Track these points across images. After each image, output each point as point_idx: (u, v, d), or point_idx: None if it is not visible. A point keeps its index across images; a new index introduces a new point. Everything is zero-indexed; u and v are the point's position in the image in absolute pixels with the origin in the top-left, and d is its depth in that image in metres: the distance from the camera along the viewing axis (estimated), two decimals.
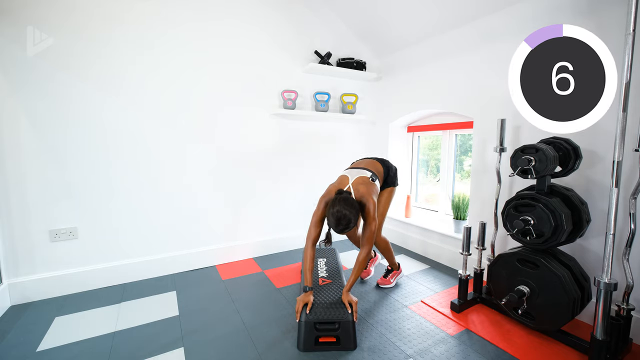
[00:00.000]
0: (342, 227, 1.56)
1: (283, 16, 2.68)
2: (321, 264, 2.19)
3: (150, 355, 1.48)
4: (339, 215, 1.54)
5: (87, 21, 2.00)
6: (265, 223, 2.77)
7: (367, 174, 1.85)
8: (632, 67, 1.27)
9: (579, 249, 1.75)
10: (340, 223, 1.55)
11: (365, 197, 1.70)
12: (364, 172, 1.86)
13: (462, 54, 2.36)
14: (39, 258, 1.99)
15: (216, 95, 2.45)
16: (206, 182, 2.47)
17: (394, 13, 2.56)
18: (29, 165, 1.92)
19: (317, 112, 2.83)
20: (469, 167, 2.63)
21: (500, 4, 2.01)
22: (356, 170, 1.90)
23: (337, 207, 1.55)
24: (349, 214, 1.54)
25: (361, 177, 1.81)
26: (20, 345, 1.56)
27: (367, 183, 1.78)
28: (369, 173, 1.86)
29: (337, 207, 1.55)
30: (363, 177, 1.82)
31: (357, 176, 1.82)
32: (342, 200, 1.57)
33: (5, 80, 1.83)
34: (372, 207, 1.69)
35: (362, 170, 1.88)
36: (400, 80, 2.98)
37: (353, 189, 1.74)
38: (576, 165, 1.63)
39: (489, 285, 1.81)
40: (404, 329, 1.70)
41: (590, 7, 1.66)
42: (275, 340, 1.60)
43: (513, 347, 1.53)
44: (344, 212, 1.54)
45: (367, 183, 1.78)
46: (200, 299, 2.01)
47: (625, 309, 1.43)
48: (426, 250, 2.76)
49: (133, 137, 2.19)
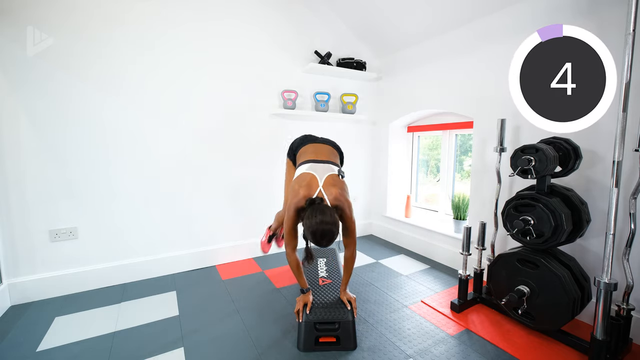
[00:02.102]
0: (325, 243, 1.43)
1: (283, 16, 2.68)
2: (321, 264, 2.19)
3: (150, 355, 1.48)
4: (321, 233, 1.40)
5: (87, 21, 2.00)
6: (265, 223, 2.76)
7: (335, 170, 1.69)
8: (632, 67, 1.27)
9: (579, 249, 1.75)
10: (323, 239, 1.42)
11: (340, 200, 1.57)
12: (331, 168, 1.69)
13: (462, 54, 2.36)
14: (39, 258, 1.99)
15: (216, 95, 2.45)
16: (206, 181, 2.47)
17: (394, 13, 2.56)
18: (29, 165, 1.92)
19: (317, 112, 2.83)
20: (469, 167, 2.63)
21: (500, 4, 2.02)
22: (321, 165, 1.70)
23: (315, 222, 1.41)
24: (330, 227, 1.41)
25: (330, 177, 1.63)
26: (20, 345, 1.56)
27: (338, 183, 1.63)
28: (335, 168, 1.71)
29: (316, 223, 1.41)
30: (332, 176, 1.64)
31: (325, 175, 1.63)
32: (318, 213, 1.43)
33: (5, 79, 1.83)
34: (348, 209, 1.59)
35: (329, 165, 1.70)
36: (400, 80, 2.98)
37: (325, 192, 1.57)
38: (576, 165, 1.63)
39: (489, 285, 1.81)
40: (404, 329, 1.70)
41: (590, 7, 1.65)
42: (275, 340, 1.60)
43: (513, 347, 1.53)
44: (325, 227, 1.40)
45: (338, 183, 1.63)
46: (200, 299, 2.01)
47: (625, 309, 1.43)
48: (426, 250, 2.75)
49: (133, 136, 2.19)
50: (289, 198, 1.66)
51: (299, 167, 1.75)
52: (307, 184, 1.60)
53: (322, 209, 1.45)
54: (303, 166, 1.72)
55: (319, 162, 1.72)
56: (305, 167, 1.70)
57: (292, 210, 1.57)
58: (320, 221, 1.40)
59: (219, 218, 2.56)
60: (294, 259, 1.64)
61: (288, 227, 1.61)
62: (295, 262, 1.64)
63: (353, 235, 1.65)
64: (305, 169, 1.69)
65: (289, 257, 1.65)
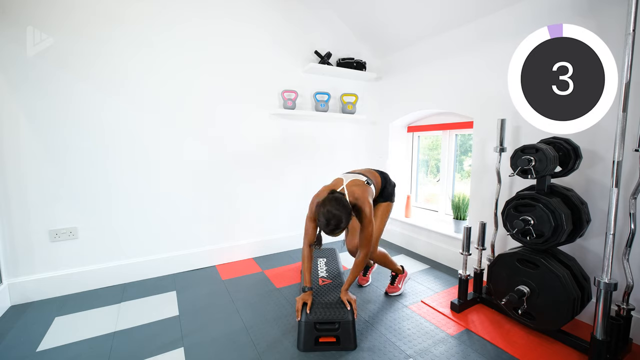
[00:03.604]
0: (331, 228, 1.49)
1: (283, 16, 2.68)
2: (321, 264, 2.19)
3: (150, 355, 1.48)
4: (329, 216, 1.48)
5: (87, 20, 2.00)
6: (265, 223, 2.77)
7: (363, 178, 1.80)
8: (632, 67, 1.27)
9: (579, 249, 1.75)
10: (329, 223, 1.48)
11: (360, 199, 1.64)
12: (359, 177, 1.81)
13: (462, 53, 2.36)
14: (38, 258, 1.99)
15: (216, 94, 2.45)
16: (206, 181, 2.47)
17: (394, 13, 2.56)
18: (29, 165, 1.92)
19: (317, 112, 2.83)
20: (469, 167, 2.63)
21: (500, 3, 2.02)
22: (352, 174, 1.85)
23: (328, 207, 1.49)
24: (339, 213, 1.48)
25: (356, 180, 1.76)
26: (20, 345, 1.56)
27: (361, 185, 1.73)
28: (364, 178, 1.81)
29: (328, 207, 1.49)
30: (358, 180, 1.76)
31: (351, 179, 1.77)
32: (332, 200, 1.51)
33: (5, 79, 1.83)
34: (368, 209, 1.63)
35: (358, 175, 1.83)
36: (400, 80, 2.98)
37: (347, 190, 1.67)
38: (576, 165, 1.63)
39: (489, 285, 1.81)
40: (404, 329, 1.70)
41: (590, 7, 1.66)
42: (275, 340, 1.60)
43: (513, 347, 1.53)
44: (334, 212, 1.48)
45: (361, 185, 1.73)
46: (200, 299, 2.01)
47: (625, 309, 1.43)
48: (426, 250, 2.75)
49: (132, 136, 2.19)
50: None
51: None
52: (333, 184, 1.78)
53: (336, 197, 1.54)
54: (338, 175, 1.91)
55: (352, 173, 1.90)
56: (339, 175, 1.89)
57: (314, 204, 1.66)
58: (333, 207, 1.50)
59: (219, 218, 2.56)
60: (307, 251, 1.73)
61: (308, 220, 1.72)
62: (308, 257, 1.73)
63: (368, 237, 1.65)
64: (338, 176, 1.88)
65: (303, 250, 1.74)
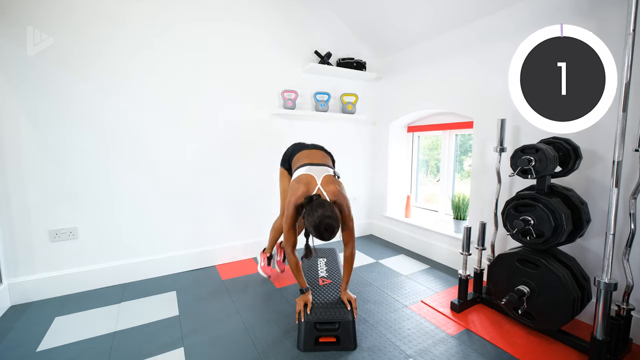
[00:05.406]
0: (328, 236, 1.46)
1: (283, 16, 2.68)
2: (321, 264, 2.19)
3: (150, 355, 1.48)
4: (325, 226, 1.43)
5: (87, 20, 2.00)
6: (265, 223, 2.77)
7: (330, 171, 1.74)
8: (632, 67, 1.27)
9: (579, 249, 1.75)
10: (326, 232, 1.45)
11: (338, 197, 1.61)
12: (327, 169, 1.74)
13: (462, 53, 2.36)
14: (39, 258, 1.99)
15: (216, 94, 2.45)
16: (206, 181, 2.47)
17: (394, 13, 2.56)
18: (29, 165, 1.92)
19: (317, 112, 2.83)
20: (469, 167, 2.63)
21: (500, 4, 2.02)
22: (317, 167, 1.76)
23: (319, 215, 1.44)
24: (332, 222, 1.44)
25: (328, 176, 1.69)
26: (20, 345, 1.55)
27: (335, 181, 1.68)
28: (331, 170, 1.76)
29: (319, 216, 1.43)
30: (329, 176, 1.70)
31: (322, 175, 1.69)
32: (320, 207, 1.47)
33: (5, 79, 1.83)
34: (347, 206, 1.63)
35: (324, 167, 1.76)
36: (400, 80, 2.98)
37: (324, 190, 1.62)
38: (576, 165, 1.63)
39: (489, 285, 1.81)
40: (404, 329, 1.70)
41: (590, 7, 1.65)
42: (275, 340, 1.60)
43: (513, 347, 1.53)
44: (327, 220, 1.43)
45: (335, 181, 1.68)
46: (200, 299, 2.01)
47: (625, 309, 1.43)
48: (426, 250, 2.75)
49: (132, 136, 2.19)
50: (288, 196, 1.69)
51: (296, 171, 1.81)
52: (305, 183, 1.65)
53: (321, 204, 1.50)
54: (300, 169, 1.78)
55: (315, 164, 1.79)
56: (303, 170, 1.75)
57: (292, 207, 1.61)
58: (322, 215, 1.44)
59: (219, 218, 2.56)
60: (293, 258, 1.68)
61: (288, 225, 1.65)
62: (294, 262, 1.68)
63: (352, 232, 1.67)
64: (303, 171, 1.74)
65: (288, 257, 1.69)
